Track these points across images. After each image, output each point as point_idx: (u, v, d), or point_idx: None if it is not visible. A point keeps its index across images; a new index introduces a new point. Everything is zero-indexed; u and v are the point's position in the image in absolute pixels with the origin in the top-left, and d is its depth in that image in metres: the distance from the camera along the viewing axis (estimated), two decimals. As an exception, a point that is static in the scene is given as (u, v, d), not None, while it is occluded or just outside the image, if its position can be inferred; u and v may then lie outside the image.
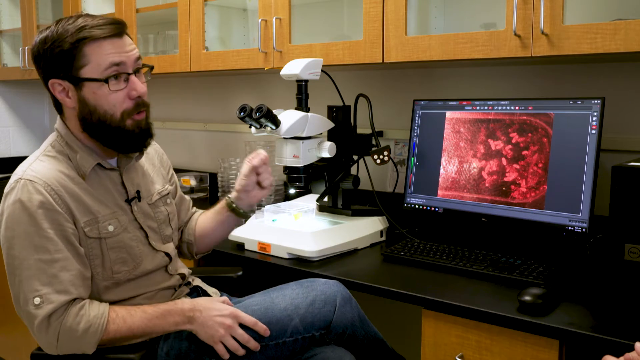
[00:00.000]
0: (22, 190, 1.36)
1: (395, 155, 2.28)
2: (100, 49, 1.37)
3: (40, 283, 1.34)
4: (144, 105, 1.45)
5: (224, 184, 2.61)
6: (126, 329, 1.39)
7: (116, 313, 1.40)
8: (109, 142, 1.45)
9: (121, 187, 1.51)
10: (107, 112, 1.40)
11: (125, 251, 1.46)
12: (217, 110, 3.00)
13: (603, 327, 1.26)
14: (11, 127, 3.81)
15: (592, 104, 1.65)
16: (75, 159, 1.44)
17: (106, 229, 1.43)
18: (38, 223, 1.34)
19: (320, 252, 1.76)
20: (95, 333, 1.35)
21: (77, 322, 1.34)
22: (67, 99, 1.42)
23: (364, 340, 1.57)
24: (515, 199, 1.76)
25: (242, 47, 2.64)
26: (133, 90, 1.41)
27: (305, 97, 1.90)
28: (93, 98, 1.39)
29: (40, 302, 1.33)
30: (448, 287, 1.52)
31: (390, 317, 2.19)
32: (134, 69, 1.42)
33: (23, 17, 3.35)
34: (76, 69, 1.37)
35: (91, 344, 1.36)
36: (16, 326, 2.91)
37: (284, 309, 1.50)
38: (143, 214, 1.54)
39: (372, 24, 1.90)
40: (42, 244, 1.34)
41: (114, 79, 1.39)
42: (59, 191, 1.38)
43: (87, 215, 1.41)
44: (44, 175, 1.38)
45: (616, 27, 1.47)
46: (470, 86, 2.11)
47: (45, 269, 1.34)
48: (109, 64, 1.37)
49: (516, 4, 1.60)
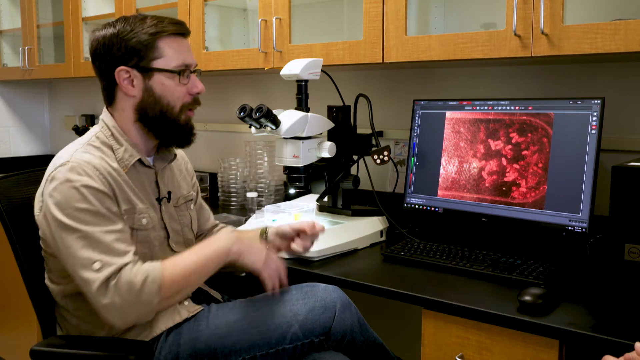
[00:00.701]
0: (70, 172, 1.40)
1: (395, 155, 2.28)
2: (174, 45, 1.50)
3: (98, 252, 1.37)
4: (199, 103, 1.57)
5: (223, 184, 2.61)
6: (180, 271, 1.41)
7: (168, 260, 1.43)
8: (162, 133, 1.54)
9: (155, 186, 1.57)
10: (169, 103, 1.51)
11: (148, 247, 1.51)
12: (217, 110, 3.00)
13: (603, 327, 1.26)
14: (11, 127, 3.81)
15: (592, 104, 1.65)
16: (119, 151, 1.51)
17: (140, 222, 1.50)
18: (88, 200, 1.39)
19: (320, 252, 1.76)
20: (154, 281, 1.37)
21: (134, 275, 1.36)
22: (130, 87, 1.49)
23: (363, 346, 1.56)
24: (515, 199, 1.76)
25: (242, 47, 2.64)
26: (195, 87, 1.54)
27: (305, 97, 1.90)
28: (160, 88, 1.49)
29: (100, 267, 1.36)
30: (448, 287, 1.52)
31: (390, 317, 2.19)
32: (194, 70, 1.55)
33: (23, 17, 3.35)
34: (149, 59, 1.48)
35: (153, 293, 1.36)
36: (16, 326, 2.92)
37: (283, 314, 1.49)
38: (169, 215, 1.60)
39: (372, 23, 1.90)
40: (94, 219, 1.39)
41: (182, 75, 1.51)
42: (105, 176, 1.44)
43: (127, 204, 1.47)
44: (90, 160, 1.44)
45: (616, 27, 1.47)
46: (470, 86, 2.11)
47: (100, 239, 1.38)
48: (182, 61, 1.50)
49: (516, 4, 1.60)
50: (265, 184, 2.47)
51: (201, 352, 1.46)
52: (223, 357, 1.46)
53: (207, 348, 1.47)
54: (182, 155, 1.77)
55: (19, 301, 2.83)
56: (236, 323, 1.49)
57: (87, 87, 3.67)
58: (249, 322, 1.49)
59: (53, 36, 3.45)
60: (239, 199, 2.59)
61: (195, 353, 1.46)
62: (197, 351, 1.46)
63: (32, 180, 1.73)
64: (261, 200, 2.43)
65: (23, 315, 2.81)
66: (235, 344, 1.46)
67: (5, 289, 2.91)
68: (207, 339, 1.48)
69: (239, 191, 2.59)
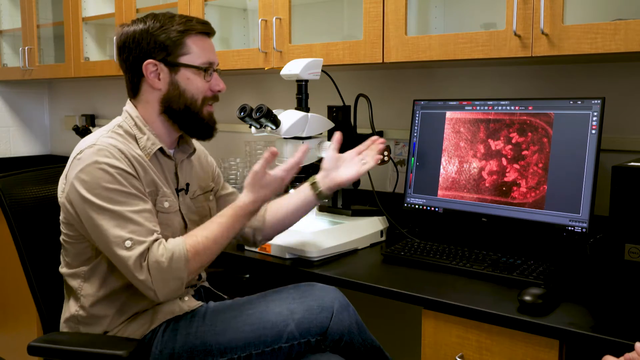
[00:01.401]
0: (97, 154, 1.45)
1: (395, 155, 2.28)
2: (200, 43, 1.56)
3: (128, 231, 1.41)
4: (217, 99, 1.64)
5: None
6: (203, 238, 1.46)
7: (193, 234, 1.48)
8: (186, 125, 1.60)
9: (174, 177, 1.62)
10: (193, 97, 1.57)
11: (170, 231, 1.55)
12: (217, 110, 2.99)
13: (603, 327, 1.26)
14: (11, 127, 3.81)
15: (592, 104, 1.65)
16: (142, 140, 1.55)
17: (162, 204, 1.54)
18: (117, 180, 1.44)
19: (320, 252, 1.76)
20: (180, 258, 1.41)
21: (161, 255, 1.40)
22: (156, 80, 1.55)
23: (360, 348, 1.55)
24: (516, 199, 1.76)
25: (242, 47, 2.64)
26: (217, 85, 1.61)
27: (305, 97, 1.90)
28: (185, 83, 1.55)
29: (131, 245, 1.40)
30: (448, 287, 1.52)
31: (390, 317, 2.19)
32: (216, 68, 1.61)
33: (23, 17, 3.35)
34: (177, 55, 1.54)
35: (181, 268, 1.41)
36: (16, 326, 2.92)
37: (279, 313, 1.49)
38: (186, 206, 1.63)
39: (372, 23, 1.90)
40: (123, 198, 1.43)
41: (207, 72, 1.58)
42: (131, 159, 1.49)
43: (151, 186, 1.52)
44: (116, 145, 1.48)
45: (616, 27, 1.47)
46: (470, 86, 2.11)
47: (130, 218, 1.42)
48: (207, 59, 1.57)
49: (516, 4, 1.60)
50: (265, 184, 2.46)
51: (197, 349, 1.47)
52: (219, 354, 1.47)
53: (203, 345, 1.47)
54: (201, 149, 1.80)
55: (19, 300, 2.83)
56: (232, 320, 1.50)
57: (87, 87, 3.68)
58: (245, 320, 1.49)
59: (53, 36, 3.45)
60: (239, 199, 2.58)
61: (190, 349, 1.47)
62: (192, 347, 1.47)
63: (37, 179, 1.74)
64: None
65: (23, 314, 2.81)
66: (231, 342, 1.47)
67: (5, 288, 2.91)
68: (203, 336, 1.48)
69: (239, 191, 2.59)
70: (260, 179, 1.54)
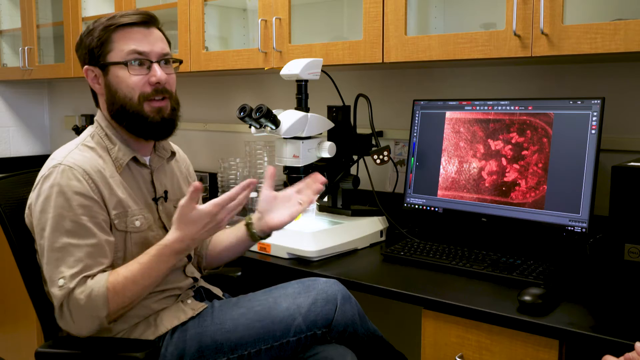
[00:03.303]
0: (60, 175, 1.40)
1: (395, 155, 2.28)
2: (126, 36, 1.47)
3: (67, 266, 1.37)
4: (165, 92, 1.51)
5: (224, 184, 2.61)
6: (131, 280, 1.38)
7: (116, 272, 1.40)
8: (131, 127, 1.50)
9: (150, 186, 1.56)
10: (126, 96, 1.47)
11: (147, 248, 1.48)
12: (217, 110, 3.00)
13: (603, 327, 1.26)
14: (11, 127, 3.81)
15: (592, 104, 1.65)
16: (113, 151, 1.50)
17: (133, 224, 1.48)
18: (73, 208, 1.38)
19: (320, 252, 1.76)
20: (97, 296, 1.35)
21: (80, 292, 1.35)
22: (97, 85, 1.52)
23: (364, 338, 1.58)
24: (515, 199, 1.76)
25: (242, 47, 2.64)
26: (153, 76, 1.48)
27: (305, 97, 1.90)
28: (115, 82, 1.47)
29: (63, 284, 1.36)
30: (448, 287, 1.52)
31: (390, 317, 2.19)
32: (158, 59, 1.50)
33: (23, 17, 3.35)
34: (104, 55, 1.48)
35: (99, 307, 1.35)
36: (16, 326, 2.92)
37: (287, 308, 1.51)
38: (167, 214, 1.58)
39: (372, 23, 1.90)
40: (74, 228, 1.38)
41: (137, 65, 1.47)
42: (96, 180, 1.42)
43: (118, 208, 1.46)
44: (82, 164, 1.43)
45: (616, 27, 1.47)
46: (470, 86, 2.11)
47: (73, 253, 1.37)
48: (131, 50, 1.46)
49: (516, 4, 1.60)
50: (265, 184, 2.47)
51: (208, 347, 1.47)
52: (229, 351, 1.48)
53: (214, 343, 1.48)
54: (183, 158, 1.77)
55: (19, 301, 2.83)
56: (241, 318, 1.50)
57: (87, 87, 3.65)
58: (254, 317, 1.50)
59: (53, 36, 3.45)
60: (239, 199, 2.58)
61: (201, 348, 1.47)
62: (203, 347, 1.47)
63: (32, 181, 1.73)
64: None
65: (23, 316, 2.81)
66: (242, 339, 1.48)
67: (5, 289, 2.91)
68: (213, 334, 1.49)
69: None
70: (186, 215, 1.39)
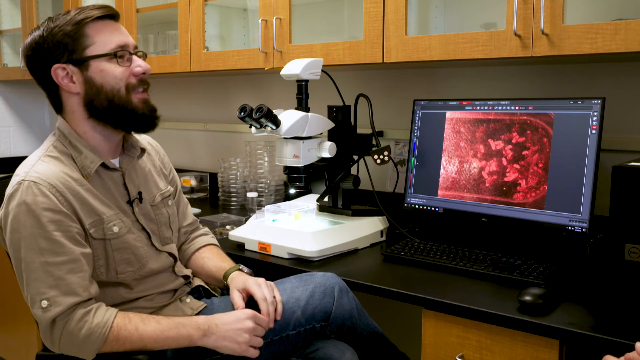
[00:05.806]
0: (26, 192, 1.34)
1: (395, 155, 2.28)
2: (103, 29, 1.42)
3: (47, 286, 1.32)
4: (146, 83, 1.48)
5: (224, 184, 2.62)
6: (137, 336, 1.35)
7: (129, 319, 1.37)
8: (118, 121, 1.45)
9: (123, 189, 1.51)
10: (113, 88, 1.42)
11: (131, 252, 1.46)
12: (217, 110, 3.00)
13: (603, 327, 1.26)
14: (11, 127, 3.82)
15: (592, 104, 1.65)
16: (79, 159, 1.43)
17: (111, 230, 1.43)
18: (44, 225, 1.32)
19: (320, 252, 1.76)
20: (95, 342, 1.33)
21: (79, 328, 1.32)
22: (71, 85, 1.42)
23: (363, 333, 1.58)
24: (516, 199, 1.76)
25: (242, 47, 2.64)
26: (137, 66, 1.45)
27: (306, 97, 1.90)
28: (100, 76, 1.41)
29: (47, 305, 1.32)
30: (448, 287, 1.52)
31: (391, 317, 2.19)
32: (135, 51, 1.47)
33: (23, 17, 3.35)
34: (81, 50, 1.40)
35: (91, 351, 1.34)
36: (16, 326, 2.91)
37: (285, 302, 1.51)
38: (144, 215, 1.53)
39: (372, 23, 1.90)
40: (48, 246, 1.33)
41: (121, 57, 1.43)
42: (64, 192, 1.36)
43: (92, 217, 1.41)
44: (48, 177, 1.36)
45: (616, 27, 1.47)
46: (470, 86, 2.11)
47: (51, 272, 1.32)
48: (116, 43, 1.42)
49: (516, 4, 1.60)
50: (265, 184, 2.47)
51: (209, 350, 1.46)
52: None
53: None
54: (156, 149, 1.71)
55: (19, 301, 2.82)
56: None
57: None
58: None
59: (53, 36, 3.44)
60: (239, 199, 2.59)
61: (203, 351, 1.46)
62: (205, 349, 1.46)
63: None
64: (261, 200, 2.43)
65: (23, 316, 2.81)
66: None
67: (5, 289, 2.91)
68: None
69: (239, 191, 2.59)
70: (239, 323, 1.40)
